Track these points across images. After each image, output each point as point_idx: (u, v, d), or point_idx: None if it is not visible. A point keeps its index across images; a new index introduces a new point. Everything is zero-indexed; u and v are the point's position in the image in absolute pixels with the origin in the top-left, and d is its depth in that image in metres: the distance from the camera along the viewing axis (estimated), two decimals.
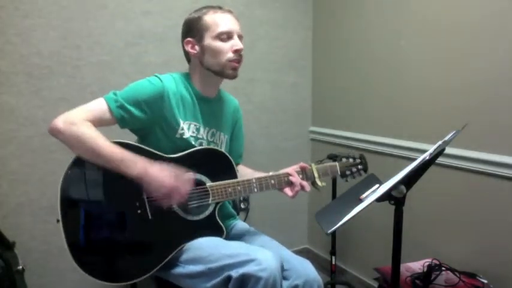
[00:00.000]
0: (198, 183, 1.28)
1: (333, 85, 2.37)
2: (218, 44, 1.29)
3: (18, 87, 1.70)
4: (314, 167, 1.41)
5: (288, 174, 1.35)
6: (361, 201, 1.08)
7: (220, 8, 1.33)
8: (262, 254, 1.11)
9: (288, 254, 1.28)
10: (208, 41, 1.29)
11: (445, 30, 1.68)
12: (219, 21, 1.29)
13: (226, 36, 1.29)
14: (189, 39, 1.32)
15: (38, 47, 1.72)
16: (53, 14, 1.74)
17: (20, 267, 1.43)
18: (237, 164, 1.51)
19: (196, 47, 1.32)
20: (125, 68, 1.91)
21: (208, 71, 1.33)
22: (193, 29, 1.31)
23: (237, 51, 1.30)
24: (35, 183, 1.76)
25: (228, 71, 1.31)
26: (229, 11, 1.34)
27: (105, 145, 1.14)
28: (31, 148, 1.74)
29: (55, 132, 1.16)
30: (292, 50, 2.44)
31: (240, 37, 1.33)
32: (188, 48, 1.33)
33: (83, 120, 1.16)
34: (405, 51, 1.87)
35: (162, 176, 1.14)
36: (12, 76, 1.68)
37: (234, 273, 1.08)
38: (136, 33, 1.93)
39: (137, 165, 1.13)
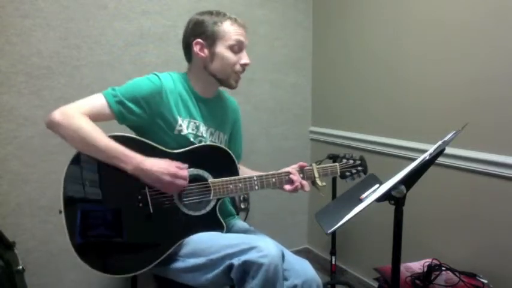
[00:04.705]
0: (200, 179, 1.29)
1: (333, 85, 2.37)
2: (229, 55, 1.31)
3: (18, 87, 1.70)
4: (315, 167, 1.41)
5: (289, 173, 1.36)
6: (361, 201, 1.08)
7: (236, 19, 1.34)
8: (263, 241, 1.12)
9: (287, 254, 1.28)
10: (221, 49, 1.30)
11: (446, 30, 1.68)
12: (235, 32, 1.31)
13: (238, 48, 1.32)
14: (199, 40, 1.31)
15: (38, 47, 1.72)
16: (53, 14, 1.74)
17: (20, 267, 1.43)
18: None
19: (206, 51, 1.31)
20: (124, 68, 1.91)
21: (210, 76, 1.35)
22: (206, 32, 1.30)
23: (245, 65, 1.35)
24: (35, 183, 1.76)
25: (232, 82, 1.36)
26: (244, 25, 1.35)
27: (101, 139, 1.15)
28: (31, 148, 1.74)
29: (52, 125, 1.17)
30: (292, 50, 2.44)
31: None
32: (196, 49, 1.31)
33: (80, 113, 1.18)
34: (405, 51, 1.87)
35: (156, 170, 1.16)
36: (12, 76, 1.68)
37: (236, 261, 1.09)
38: (136, 33, 1.93)
39: (132, 161, 1.16)
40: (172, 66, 1.97)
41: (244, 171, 1.49)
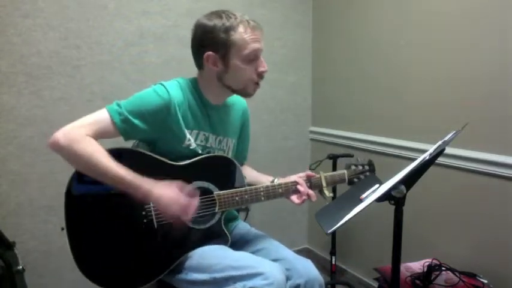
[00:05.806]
0: (206, 191, 1.26)
1: (333, 85, 2.37)
2: (245, 67, 1.21)
3: (18, 87, 1.70)
4: (322, 175, 1.39)
5: (296, 183, 1.32)
6: (361, 201, 1.08)
7: (249, 22, 1.19)
8: (269, 267, 1.10)
9: (290, 254, 1.28)
10: (235, 60, 1.19)
11: (446, 31, 1.68)
12: (250, 39, 1.18)
13: (254, 56, 1.21)
14: (210, 53, 1.19)
15: (38, 47, 1.72)
16: (53, 14, 1.74)
17: (20, 267, 1.43)
18: (242, 164, 1.49)
19: (219, 64, 1.20)
20: (125, 68, 1.91)
21: (224, 87, 1.26)
22: (217, 43, 1.17)
23: (262, 73, 1.25)
24: (35, 183, 1.76)
25: (250, 91, 1.28)
26: (258, 27, 1.21)
27: (108, 165, 1.09)
28: (31, 148, 1.74)
29: (56, 148, 1.10)
30: (292, 50, 2.44)
31: None
32: (208, 64, 1.21)
33: (84, 135, 1.11)
34: (405, 51, 1.87)
35: (168, 199, 1.11)
36: (12, 76, 1.68)
37: (240, 286, 1.08)
38: (136, 33, 1.93)
39: (141, 189, 1.10)
40: (172, 66, 1.98)
41: (250, 174, 1.47)
